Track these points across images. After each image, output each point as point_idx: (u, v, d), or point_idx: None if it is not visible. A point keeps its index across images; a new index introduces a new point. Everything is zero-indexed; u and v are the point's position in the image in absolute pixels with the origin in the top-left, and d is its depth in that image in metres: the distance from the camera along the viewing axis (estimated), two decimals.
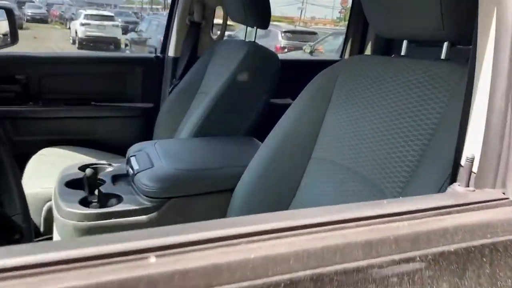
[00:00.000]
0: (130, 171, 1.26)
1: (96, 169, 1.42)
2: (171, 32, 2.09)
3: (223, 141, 1.48)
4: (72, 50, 13.57)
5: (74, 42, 14.90)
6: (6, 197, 0.82)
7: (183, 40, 2.06)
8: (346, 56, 2.31)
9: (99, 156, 1.85)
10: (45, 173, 1.56)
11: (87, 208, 1.11)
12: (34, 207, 1.42)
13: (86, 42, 14.16)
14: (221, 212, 1.18)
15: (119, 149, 2.00)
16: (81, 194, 1.19)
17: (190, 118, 1.69)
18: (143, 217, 1.13)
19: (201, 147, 1.39)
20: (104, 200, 1.21)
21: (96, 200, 1.24)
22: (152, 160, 1.27)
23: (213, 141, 1.46)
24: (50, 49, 14.03)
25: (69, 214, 1.10)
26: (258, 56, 1.60)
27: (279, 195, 1.06)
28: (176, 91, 1.95)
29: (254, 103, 1.60)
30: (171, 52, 2.09)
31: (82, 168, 1.38)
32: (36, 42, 15.06)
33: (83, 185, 1.29)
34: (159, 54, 2.13)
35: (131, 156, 1.34)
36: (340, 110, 1.00)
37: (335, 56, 2.55)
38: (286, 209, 1.06)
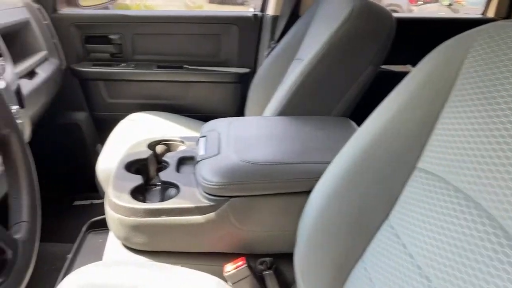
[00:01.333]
0: (196, 155, 1.08)
1: (168, 147, 1.28)
2: None
3: (312, 123, 1.21)
4: (203, 5, 14.04)
5: None
6: (14, 200, 0.69)
7: None
8: (490, 14, 1.80)
9: (189, 125, 1.72)
10: (125, 144, 1.47)
11: (136, 201, 0.96)
12: (105, 187, 1.34)
13: None
14: (292, 219, 0.94)
15: (211, 118, 1.86)
16: (138, 180, 1.04)
17: (279, 90, 1.44)
18: (198, 217, 0.94)
19: (282, 131, 1.14)
20: (163, 188, 1.06)
21: (157, 188, 1.10)
22: (220, 144, 1.07)
23: (298, 123, 1.20)
24: (181, 2, 14.68)
25: (115, 206, 0.96)
26: (366, 15, 1.25)
27: (366, 212, 0.78)
28: (272, 56, 1.70)
29: (356, 76, 1.28)
30: (270, 10, 1.83)
31: (152, 144, 1.24)
32: None
33: (147, 167, 1.16)
34: (257, 12, 1.88)
35: (201, 137, 1.15)
36: (466, 105, 0.66)
37: (478, 12, 2.03)
38: (374, 233, 0.78)
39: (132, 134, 1.55)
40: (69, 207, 1.83)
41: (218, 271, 0.93)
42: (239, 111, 1.91)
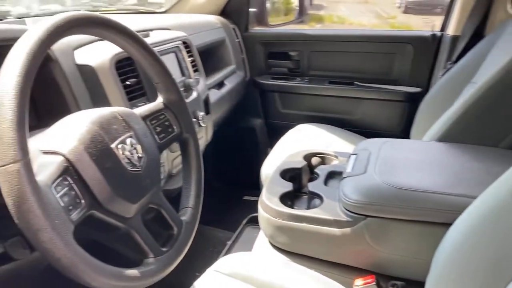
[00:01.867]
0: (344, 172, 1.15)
1: (323, 159, 1.38)
2: (454, 4, 1.75)
3: (471, 153, 1.15)
4: (397, 15, 13.72)
5: (400, 6, 14.95)
6: (185, 189, 0.88)
7: (468, 15, 1.69)
8: None
9: (351, 140, 1.79)
10: (288, 151, 1.61)
11: (283, 205, 1.08)
12: None
13: (412, 6, 13.91)
14: (428, 248, 0.94)
15: (376, 135, 1.88)
16: (288, 187, 1.17)
17: (445, 114, 1.39)
18: (335, 230, 1.01)
19: (435, 158, 1.12)
20: (309, 198, 1.16)
21: (305, 196, 1.20)
22: (368, 164, 1.11)
23: (456, 152, 1.16)
24: (374, 12, 14.62)
25: (266, 207, 1.10)
26: None
27: (506, 255, 0.74)
28: (446, 77, 1.64)
29: None
30: (450, 30, 1.76)
31: (308, 156, 1.36)
32: (364, 6, 15.95)
33: (300, 176, 1.27)
34: (436, 31, 1.83)
35: (352, 154, 1.21)
36: None
37: None
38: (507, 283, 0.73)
39: (296, 143, 1.70)
40: (239, 201, 2.09)
41: (347, 283, 0.99)
42: (405, 131, 1.89)
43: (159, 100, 0.87)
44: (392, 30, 2.07)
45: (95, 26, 0.69)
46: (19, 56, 0.56)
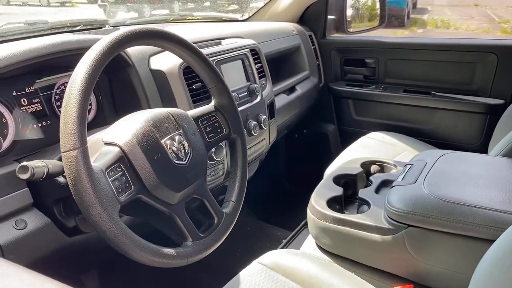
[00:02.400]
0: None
1: (381, 168, 1.38)
2: None
3: None
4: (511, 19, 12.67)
5: None
6: (230, 184, 0.97)
7: None
8: None
9: (422, 150, 1.75)
10: (355, 158, 1.63)
11: (328, 208, 1.13)
12: None
13: None
14: (468, 263, 0.92)
15: (451, 146, 1.81)
16: (337, 191, 1.20)
17: None
18: (376, 236, 1.03)
19: (491, 173, 1.08)
20: (359, 204, 1.18)
21: (356, 202, 1.23)
22: (420, 175, 1.11)
23: None
24: (485, 16, 13.59)
25: (312, 208, 1.15)
26: None
27: None
28: None
29: None
30: None
31: (366, 164, 1.37)
32: (474, 9, 14.90)
33: (355, 182, 1.30)
34: None
35: (407, 164, 1.21)
36: None
37: None
38: None
39: (364, 150, 1.70)
40: (306, 203, 2.14)
41: None
42: (483, 144, 1.80)
43: (212, 103, 0.97)
44: (473, 38, 1.97)
45: (152, 38, 0.81)
46: (85, 63, 0.69)
